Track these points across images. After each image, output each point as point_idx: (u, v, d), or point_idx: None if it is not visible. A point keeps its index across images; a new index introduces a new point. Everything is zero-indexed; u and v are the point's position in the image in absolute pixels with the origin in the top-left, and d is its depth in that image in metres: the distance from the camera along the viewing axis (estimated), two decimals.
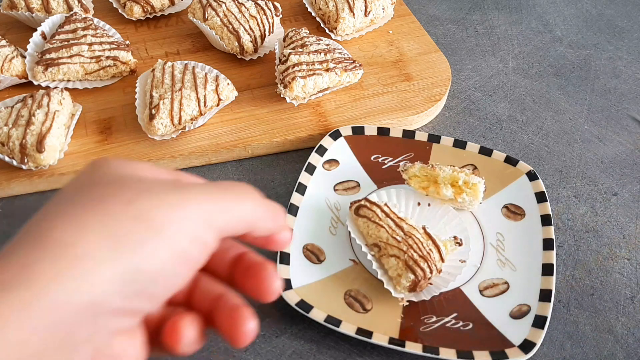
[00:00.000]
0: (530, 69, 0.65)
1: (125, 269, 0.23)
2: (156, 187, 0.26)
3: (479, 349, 0.38)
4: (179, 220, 0.25)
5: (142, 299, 0.24)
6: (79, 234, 0.23)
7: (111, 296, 0.23)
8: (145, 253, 0.23)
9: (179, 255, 0.25)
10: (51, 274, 0.22)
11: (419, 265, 0.39)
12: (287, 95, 0.53)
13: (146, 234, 0.24)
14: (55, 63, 0.54)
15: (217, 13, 0.59)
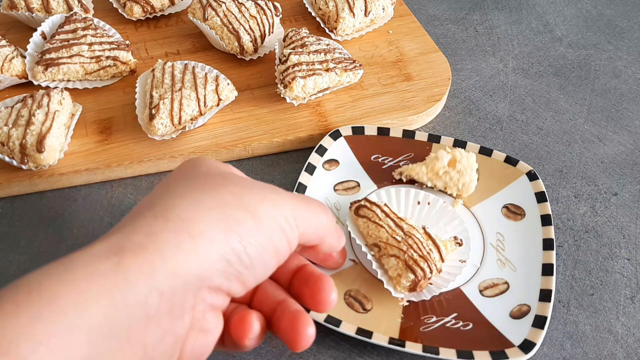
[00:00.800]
0: (530, 69, 0.65)
1: (231, 250, 0.26)
2: (257, 186, 0.29)
3: (479, 349, 0.38)
4: (277, 216, 0.28)
5: (237, 281, 0.27)
6: (197, 214, 0.25)
7: (215, 273, 0.25)
8: (249, 240, 0.26)
9: (272, 247, 0.28)
10: (173, 245, 0.24)
11: (419, 265, 0.39)
12: (287, 95, 0.53)
13: (251, 223, 0.27)
14: (55, 63, 0.54)
15: (217, 13, 0.59)
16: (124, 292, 0.22)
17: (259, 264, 0.27)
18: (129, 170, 0.51)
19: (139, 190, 0.51)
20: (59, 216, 0.48)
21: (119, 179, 0.51)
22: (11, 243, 0.46)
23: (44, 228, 0.47)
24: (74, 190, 0.50)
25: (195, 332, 0.26)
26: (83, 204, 0.49)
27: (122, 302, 0.22)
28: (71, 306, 0.21)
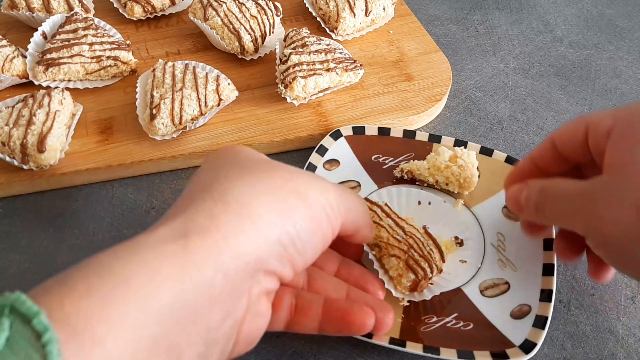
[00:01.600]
0: (531, 69, 0.65)
1: (286, 234, 0.26)
2: (302, 172, 0.30)
3: (480, 349, 0.38)
4: (324, 203, 0.29)
5: (289, 265, 0.27)
6: (254, 198, 0.26)
7: (271, 256, 0.26)
8: (301, 225, 0.27)
9: (320, 232, 0.29)
10: (236, 227, 0.25)
11: (420, 265, 0.39)
12: (288, 95, 0.53)
13: (303, 209, 0.27)
14: (56, 63, 0.54)
15: (218, 13, 0.59)
16: (192, 273, 0.23)
17: (309, 248, 0.28)
18: (129, 170, 0.51)
19: (139, 190, 0.51)
20: (59, 216, 0.48)
21: (119, 178, 0.51)
22: (12, 243, 0.46)
23: (44, 228, 0.47)
24: (75, 190, 0.50)
25: (251, 315, 0.27)
26: (84, 203, 0.49)
27: (190, 284, 0.23)
28: (143, 287, 0.22)
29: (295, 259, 0.27)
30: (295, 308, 0.33)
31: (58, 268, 0.44)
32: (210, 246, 0.24)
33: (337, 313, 0.33)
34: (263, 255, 0.26)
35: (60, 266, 0.44)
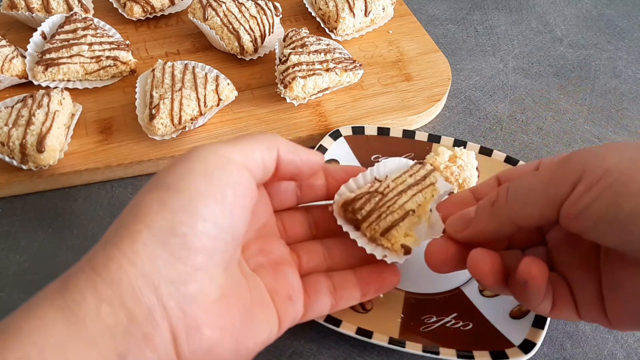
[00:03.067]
0: (531, 69, 0.65)
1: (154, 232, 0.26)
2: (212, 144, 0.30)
3: (479, 349, 0.38)
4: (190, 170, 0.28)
5: (189, 254, 0.26)
6: (114, 226, 0.27)
7: (161, 263, 0.25)
8: (170, 209, 0.26)
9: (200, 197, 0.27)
10: (103, 258, 0.26)
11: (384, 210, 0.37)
12: (287, 95, 0.54)
13: (167, 194, 0.27)
14: (56, 63, 0.54)
15: (217, 13, 0.59)
16: (74, 309, 0.23)
17: (199, 222, 0.27)
18: (129, 170, 0.51)
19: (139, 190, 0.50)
20: (59, 216, 0.48)
21: (119, 178, 0.51)
22: (11, 243, 0.46)
23: (44, 228, 0.47)
24: (74, 190, 0.50)
25: (184, 330, 0.26)
26: (83, 204, 0.49)
27: (76, 320, 0.23)
28: (32, 331, 0.23)
29: (191, 242, 0.26)
30: (335, 288, 0.35)
31: (58, 268, 0.44)
32: (86, 282, 0.24)
33: (373, 276, 0.35)
34: (143, 268, 0.25)
35: (59, 266, 0.44)
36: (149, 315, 0.25)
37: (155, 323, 0.25)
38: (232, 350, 0.28)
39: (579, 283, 0.32)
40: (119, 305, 0.24)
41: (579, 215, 0.27)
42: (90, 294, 0.24)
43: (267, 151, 0.31)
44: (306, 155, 0.34)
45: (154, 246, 0.25)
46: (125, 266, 0.25)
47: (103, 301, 0.24)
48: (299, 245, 0.37)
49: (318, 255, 0.37)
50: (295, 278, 0.34)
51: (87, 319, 0.23)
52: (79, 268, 0.25)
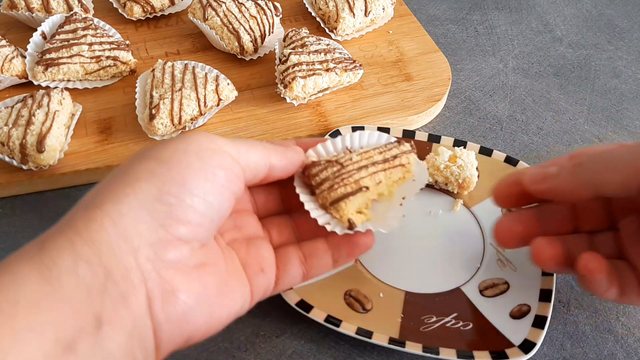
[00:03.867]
0: (531, 69, 0.65)
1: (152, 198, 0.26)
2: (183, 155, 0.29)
3: (479, 349, 0.38)
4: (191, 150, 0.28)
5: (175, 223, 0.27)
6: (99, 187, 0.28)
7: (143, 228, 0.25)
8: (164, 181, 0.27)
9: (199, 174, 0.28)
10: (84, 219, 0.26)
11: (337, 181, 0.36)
12: (287, 95, 0.54)
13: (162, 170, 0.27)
14: (56, 63, 0.54)
15: (217, 13, 0.59)
16: (50, 267, 0.23)
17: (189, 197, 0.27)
18: None
19: None
20: (59, 216, 0.48)
21: None
22: (11, 243, 0.46)
23: (44, 228, 0.47)
24: (74, 190, 0.50)
25: (160, 294, 0.26)
26: None
27: (51, 276, 0.23)
28: (5, 285, 0.23)
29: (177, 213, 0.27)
30: (305, 257, 0.35)
31: None
32: (63, 241, 0.24)
33: (344, 241, 0.35)
34: (125, 229, 0.25)
35: None
36: (126, 275, 0.25)
37: (132, 284, 0.25)
38: (206, 318, 0.28)
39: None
40: (96, 264, 0.24)
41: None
42: (67, 253, 0.24)
43: (260, 158, 0.32)
44: (291, 154, 0.35)
45: (139, 210, 0.26)
46: (107, 225, 0.25)
47: (80, 259, 0.24)
48: (269, 221, 0.37)
49: (287, 229, 0.37)
50: (267, 251, 0.35)
51: (63, 276, 0.23)
52: (58, 229, 0.25)
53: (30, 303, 0.22)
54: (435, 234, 0.46)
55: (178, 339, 0.27)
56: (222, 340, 0.40)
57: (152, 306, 0.26)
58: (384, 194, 0.37)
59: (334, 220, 0.36)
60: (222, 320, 0.30)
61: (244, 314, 0.42)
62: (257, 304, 0.42)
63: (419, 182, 0.38)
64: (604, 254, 0.33)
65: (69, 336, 0.23)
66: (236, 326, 0.41)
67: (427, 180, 0.38)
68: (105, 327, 0.24)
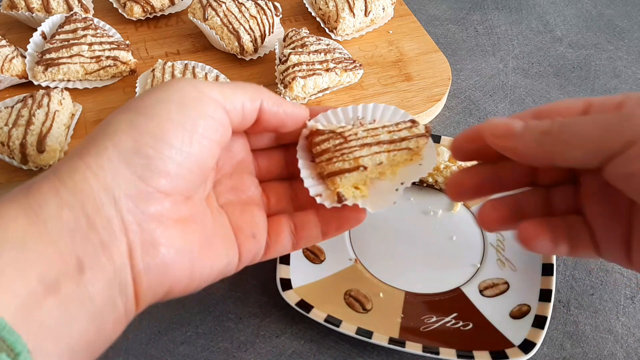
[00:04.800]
0: (531, 69, 0.65)
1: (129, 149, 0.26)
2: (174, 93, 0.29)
3: (479, 349, 0.38)
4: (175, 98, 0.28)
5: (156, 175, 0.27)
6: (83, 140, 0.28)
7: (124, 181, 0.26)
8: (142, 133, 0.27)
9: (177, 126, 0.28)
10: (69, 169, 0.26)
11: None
12: (287, 95, 0.54)
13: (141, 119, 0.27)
14: (56, 63, 0.54)
15: (217, 13, 0.59)
16: (36, 210, 0.24)
17: (166, 148, 0.27)
18: None
19: None
20: None
21: None
22: None
23: None
24: None
25: (140, 245, 0.26)
26: None
27: (37, 219, 0.24)
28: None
29: (155, 164, 0.27)
30: (296, 228, 0.35)
31: None
32: (49, 188, 0.25)
33: (334, 215, 0.35)
34: (105, 181, 0.26)
35: None
36: (108, 225, 0.25)
37: (113, 233, 0.26)
38: (187, 273, 0.29)
39: (604, 230, 0.32)
40: (79, 211, 0.25)
41: (626, 177, 0.27)
42: (52, 198, 0.25)
43: (249, 100, 0.31)
44: (290, 108, 0.34)
45: (118, 163, 0.26)
46: (89, 177, 0.26)
47: (65, 205, 0.25)
48: (270, 186, 0.37)
49: (286, 197, 0.37)
50: (261, 218, 0.35)
51: (48, 220, 0.24)
52: (45, 176, 0.26)
53: (17, 242, 0.23)
54: (435, 234, 0.46)
55: (158, 290, 0.28)
56: (222, 340, 0.40)
57: (132, 256, 0.26)
58: (386, 174, 0.35)
59: (327, 192, 0.34)
60: (204, 277, 0.30)
61: (244, 314, 0.42)
62: (257, 304, 0.42)
63: (425, 168, 0.35)
64: (559, 209, 0.34)
65: (53, 277, 0.23)
66: (236, 326, 0.41)
67: (434, 164, 0.36)
68: (87, 272, 0.24)
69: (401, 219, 0.47)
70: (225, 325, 0.41)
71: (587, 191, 0.34)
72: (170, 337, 0.40)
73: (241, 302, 0.42)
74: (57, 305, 0.23)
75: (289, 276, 0.42)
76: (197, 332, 0.41)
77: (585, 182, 0.34)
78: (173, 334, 0.41)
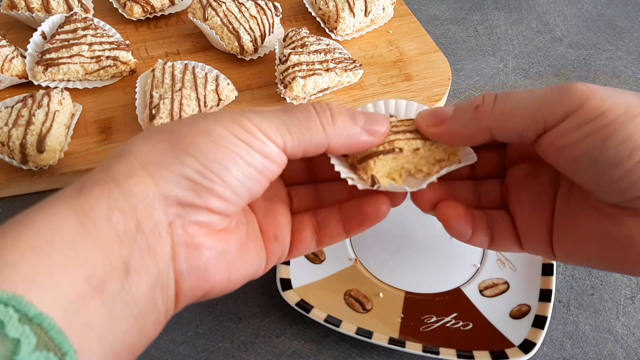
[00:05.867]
0: (531, 69, 0.65)
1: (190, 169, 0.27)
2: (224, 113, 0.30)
3: (479, 349, 0.38)
4: (237, 131, 0.28)
5: (210, 196, 0.28)
6: (146, 146, 0.28)
7: (179, 191, 0.27)
8: (206, 157, 0.27)
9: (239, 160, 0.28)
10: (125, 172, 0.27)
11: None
12: (287, 95, 0.54)
13: (204, 142, 0.28)
14: (56, 63, 0.54)
15: (217, 13, 0.59)
16: (87, 212, 0.25)
17: (229, 178, 0.28)
18: None
19: None
20: None
21: None
22: None
23: None
24: None
25: (184, 247, 0.27)
26: None
27: (87, 221, 0.25)
28: (44, 225, 0.24)
29: (216, 189, 0.27)
30: (318, 225, 0.35)
31: None
32: (102, 189, 0.26)
33: (354, 210, 0.34)
34: (165, 190, 0.26)
35: None
36: (155, 228, 0.26)
37: (160, 236, 0.26)
38: (225, 276, 0.30)
39: (527, 220, 0.33)
40: (130, 215, 0.25)
41: (560, 149, 0.28)
42: (104, 201, 0.25)
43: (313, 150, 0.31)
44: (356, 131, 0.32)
45: (182, 180, 0.27)
46: (148, 184, 0.26)
47: (115, 208, 0.25)
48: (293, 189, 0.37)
49: (309, 197, 0.37)
50: (284, 217, 0.35)
51: (98, 223, 0.25)
52: (98, 178, 0.26)
53: (66, 243, 0.24)
54: (436, 234, 0.46)
55: (197, 292, 0.29)
56: (222, 340, 0.40)
57: (176, 258, 0.27)
58: (422, 170, 0.33)
59: (359, 179, 0.32)
60: (239, 279, 0.31)
61: (244, 314, 0.42)
62: (257, 304, 0.42)
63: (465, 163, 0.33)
64: (485, 204, 0.35)
65: (99, 277, 0.24)
66: (236, 326, 0.41)
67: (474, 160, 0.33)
68: (132, 274, 0.25)
69: (401, 219, 0.47)
70: (225, 325, 0.41)
71: (512, 180, 0.35)
72: (170, 337, 0.40)
73: (241, 302, 0.42)
74: (101, 306, 0.24)
75: (289, 276, 0.42)
76: (197, 332, 0.41)
77: (512, 173, 0.35)
78: (173, 334, 0.41)
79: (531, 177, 0.33)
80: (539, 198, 0.33)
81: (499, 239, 0.34)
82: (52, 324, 0.22)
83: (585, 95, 0.27)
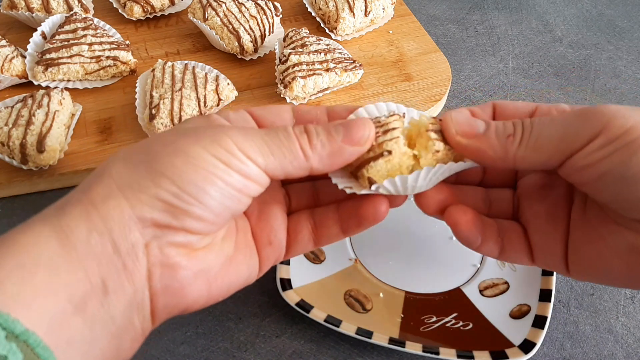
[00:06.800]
0: (531, 69, 0.65)
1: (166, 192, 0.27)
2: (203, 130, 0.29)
3: (479, 349, 0.38)
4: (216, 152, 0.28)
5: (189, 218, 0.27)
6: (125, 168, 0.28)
7: (155, 213, 0.27)
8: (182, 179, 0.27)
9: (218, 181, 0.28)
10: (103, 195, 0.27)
11: None
12: (287, 95, 0.54)
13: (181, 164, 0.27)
14: (56, 63, 0.54)
15: (217, 13, 0.59)
16: (67, 233, 0.26)
17: (206, 198, 0.27)
18: None
19: None
20: None
21: None
22: None
23: None
24: None
25: (159, 268, 0.27)
26: None
27: (68, 242, 0.25)
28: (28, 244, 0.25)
29: (192, 210, 0.27)
30: (315, 225, 0.34)
31: None
32: (80, 212, 0.26)
33: (352, 211, 0.34)
34: (142, 213, 0.27)
35: None
36: (132, 250, 0.27)
37: (136, 257, 0.27)
38: (204, 292, 0.30)
39: (541, 233, 0.32)
40: (107, 237, 0.26)
41: (585, 168, 0.28)
42: (83, 223, 0.26)
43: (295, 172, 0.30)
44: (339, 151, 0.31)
45: (158, 202, 0.27)
46: (124, 206, 0.27)
47: (94, 231, 0.26)
48: (291, 187, 0.36)
49: (307, 195, 0.36)
50: (279, 220, 0.34)
51: (78, 244, 0.26)
52: (77, 198, 0.27)
53: (50, 264, 0.25)
54: (436, 234, 0.46)
55: (173, 309, 0.29)
56: (222, 340, 0.40)
57: (151, 278, 0.27)
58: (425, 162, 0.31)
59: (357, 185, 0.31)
60: (222, 294, 0.31)
61: (244, 314, 0.42)
62: (257, 304, 0.42)
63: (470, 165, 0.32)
64: (496, 211, 0.34)
65: (81, 296, 0.25)
66: (236, 326, 0.41)
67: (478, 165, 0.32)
68: (110, 294, 0.26)
69: (401, 218, 0.47)
70: (225, 325, 0.41)
71: (524, 193, 0.34)
72: (170, 337, 0.40)
73: (241, 302, 0.42)
74: (82, 324, 0.25)
75: (289, 276, 0.42)
76: (197, 332, 0.41)
77: (524, 183, 0.34)
78: (173, 334, 0.41)
79: (545, 189, 0.33)
80: (555, 211, 0.32)
81: (510, 250, 0.33)
82: (38, 341, 0.22)
83: (608, 117, 0.27)
